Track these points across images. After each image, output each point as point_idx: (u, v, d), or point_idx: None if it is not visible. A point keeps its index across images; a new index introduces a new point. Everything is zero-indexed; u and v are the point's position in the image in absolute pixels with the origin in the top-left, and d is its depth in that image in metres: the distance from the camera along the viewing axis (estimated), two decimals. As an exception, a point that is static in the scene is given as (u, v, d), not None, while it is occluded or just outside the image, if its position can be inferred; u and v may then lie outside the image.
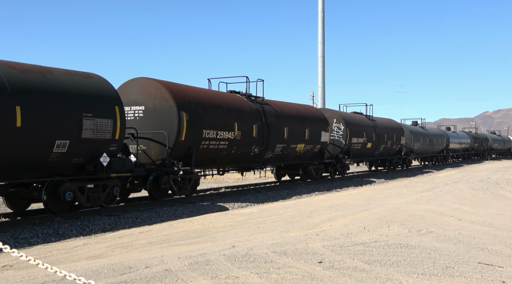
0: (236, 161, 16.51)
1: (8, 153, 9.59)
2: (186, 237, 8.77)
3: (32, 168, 10.28)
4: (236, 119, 15.85)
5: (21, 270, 6.48)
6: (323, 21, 38.80)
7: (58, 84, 10.58)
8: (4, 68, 9.80)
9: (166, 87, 13.88)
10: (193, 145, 14.20)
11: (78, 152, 10.88)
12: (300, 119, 19.84)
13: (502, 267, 6.32)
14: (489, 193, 16.24)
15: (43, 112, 10.07)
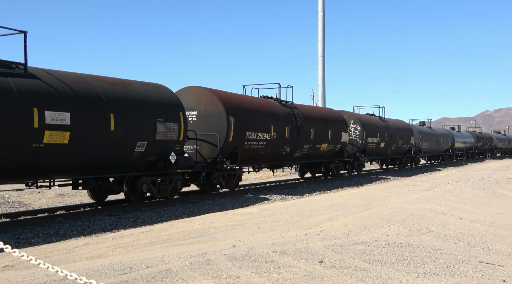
0: (271, 159, 18.66)
1: (103, 152, 11.53)
2: (187, 237, 8.78)
3: (118, 164, 12.26)
4: (272, 122, 17.95)
5: (22, 270, 6.49)
6: (323, 20, 38.79)
7: (137, 94, 12.63)
8: (99, 82, 11.74)
9: (216, 94, 15.95)
10: (238, 145, 16.26)
11: (152, 151, 12.83)
12: (324, 121, 21.84)
13: (503, 266, 6.33)
14: (489, 192, 16.24)
15: (129, 118, 12.04)
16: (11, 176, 10.17)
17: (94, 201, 13.57)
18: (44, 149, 10.14)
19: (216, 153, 15.42)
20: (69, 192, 18.21)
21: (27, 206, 14.58)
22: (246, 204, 14.60)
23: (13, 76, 9.90)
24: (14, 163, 9.85)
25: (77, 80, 11.28)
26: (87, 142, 11.03)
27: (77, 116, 10.71)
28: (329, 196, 16.42)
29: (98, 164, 11.67)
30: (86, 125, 10.95)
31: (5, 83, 9.60)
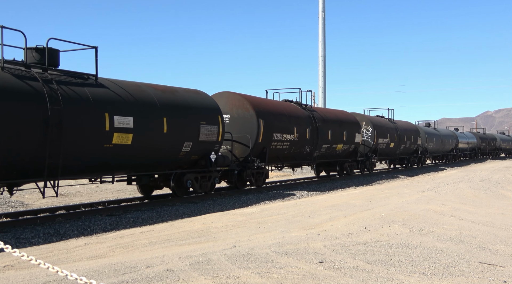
0: (294, 158, 20.27)
1: (157, 152, 13.03)
2: (187, 237, 8.77)
3: (167, 162, 13.80)
4: (295, 124, 19.48)
5: (22, 270, 6.49)
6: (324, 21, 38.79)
7: (183, 100, 14.20)
8: (152, 90, 13.35)
9: (247, 99, 17.60)
10: (266, 145, 17.84)
11: (196, 150, 14.37)
12: (339, 123, 23.42)
13: (504, 267, 6.32)
14: (490, 192, 16.23)
15: (178, 121, 13.55)
16: (85, 172, 11.72)
17: (142, 195, 15.22)
18: (112, 148, 11.65)
19: (247, 152, 17.06)
20: (70, 191, 18.22)
21: (28, 205, 14.59)
22: (246, 204, 14.60)
23: (87, 86, 11.40)
24: (91, 160, 11.36)
25: (136, 88, 12.86)
26: (145, 142, 12.51)
27: (138, 120, 12.24)
28: (329, 196, 16.41)
29: (153, 162, 13.24)
30: (145, 128, 12.45)
31: (83, 92, 11.09)
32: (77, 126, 10.74)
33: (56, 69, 11.28)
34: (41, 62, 10.97)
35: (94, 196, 17.01)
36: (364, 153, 26.66)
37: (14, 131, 9.62)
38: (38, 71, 10.66)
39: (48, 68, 10.92)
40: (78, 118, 10.76)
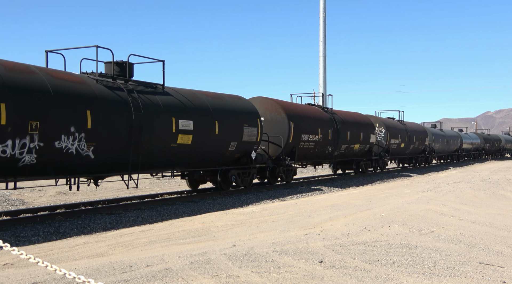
0: (318, 157, 22.34)
1: (210, 151, 14.92)
2: (187, 236, 8.77)
3: (216, 160, 15.63)
4: (319, 126, 21.38)
5: (21, 268, 6.49)
6: (325, 20, 38.77)
7: (229, 105, 16.17)
8: (204, 96, 15.25)
9: (279, 103, 19.68)
10: (295, 145, 19.64)
11: (239, 149, 16.23)
12: (357, 125, 25.35)
13: (503, 267, 6.32)
14: (490, 193, 16.23)
15: (226, 124, 15.39)
16: (155, 167, 13.64)
17: (190, 188, 17.13)
18: (177, 148, 13.52)
19: (279, 151, 18.93)
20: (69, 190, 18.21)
21: (28, 204, 14.59)
22: (246, 203, 14.60)
23: (157, 94, 13.30)
24: (160, 158, 13.26)
25: (192, 95, 14.75)
26: (201, 142, 14.30)
27: (197, 123, 14.11)
28: (329, 196, 16.41)
29: (205, 159, 15.08)
30: (201, 130, 14.26)
31: (155, 100, 13.02)
32: (152, 129, 12.62)
33: (132, 80, 13.10)
34: (121, 74, 12.85)
35: (94, 194, 17.02)
36: (378, 153, 28.60)
37: (110, 134, 11.58)
38: (122, 82, 12.62)
39: (128, 80, 12.89)
40: (153, 122, 12.65)
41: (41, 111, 10.04)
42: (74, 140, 10.71)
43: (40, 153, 10.04)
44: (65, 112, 10.52)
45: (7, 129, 9.35)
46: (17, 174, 10.18)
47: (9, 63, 10.18)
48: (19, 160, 9.75)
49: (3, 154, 9.41)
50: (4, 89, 9.39)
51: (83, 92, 11.09)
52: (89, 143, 11.05)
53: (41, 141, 10.01)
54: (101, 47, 12.06)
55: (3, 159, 9.45)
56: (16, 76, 9.85)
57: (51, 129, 10.21)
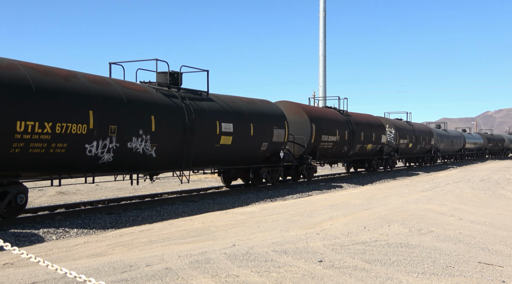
0: (335, 156, 24.18)
1: (246, 150, 16.67)
2: (187, 236, 8.78)
3: (250, 159, 17.35)
4: (337, 127, 23.00)
5: (22, 268, 6.49)
6: (325, 20, 38.78)
7: (261, 109, 17.90)
8: (239, 101, 17.02)
9: (301, 107, 21.39)
10: (316, 145, 21.28)
11: (269, 149, 17.90)
12: (369, 126, 27.05)
13: (502, 267, 6.33)
14: (489, 192, 16.23)
15: (259, 126, 17.08)
16: (201, 165, 15.45)
17: (224, 184, 18.87)
18: (219, 148, 15.24)
19: (302, 151, 20.51)
20: (70, 190, 18.23)
21: (28, 203, 14.58)
22: (246, 203, 14.61)
23: (203, 100, 14.98)
24: (206, 156, 14.98)
25: (231, 100, 16.48)
26: (239, 143, 16.00)
27: (236, 126, 15.79)
28: (329, 195, 16.42)
29: (241, 158, 16.80)
30: (239, 131, 15.95)
31: (202, 105, 14.68)
32: (201, 131, 14.30)
33: (182, 87, 14.79)
34: (173, 82, 14.48)
35: (94, 194, 17.02)
36: (388, 152, 30.38)
37: (168, 135, 13.29)
38: (175, 90, 14.33)
39: (180, 88, 14.61)
40: (201, 125, 14.33)
41: (118, 116, 11.74)
42: (142, 141, 12.50)
43: (116, 152, 11.76)
44: (135, 118, 12.31)
45: (93, 132, 11.05)
46: (96, 170, 11.83)
47: (91, 75, 11.90)
48: (100, 158, 11.46)
49: (89, 153, 11.10)
50: (91, 99, 11.12)
51: (148, 100, 12.87)
52: (153, 144, 12.82)
53: (117, 142, 11.74)
54: (159, 60, 13.88)
55: (89, 157, 11.13)
56: (98, 87, 11.51)
57: (125, 132, 11.96)
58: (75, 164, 11.12)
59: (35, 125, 9.87)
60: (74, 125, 10.64)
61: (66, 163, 10.89)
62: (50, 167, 10.73)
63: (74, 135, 10.65)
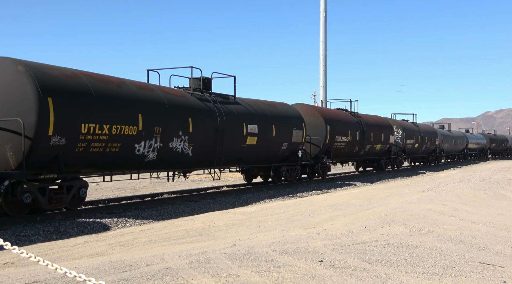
0: (347, 156, 25.50)
1: (268, 150, 17.96)
2: (187, 235, 8.77)
3: (271, 158, 18.59)
4: (349, 129, 24.36)
5: (22, 267, 6.49)
6: (325, 20, 38.77)
7: (281, 111, 19.17)
8: (262, 104, 18.35)
9: (317, 109, 23.30)
10: (331, 145, 22.64)
11: (289, 149, 19.14)
12: (378, 127, 28.48)
13: (503, 267, 6.32)
14: (490, 193, 16.22)
15: (280, 128, 18.28)
16: (229, 163, 16.73)
17: (246, 182, 20.25)
18: (246, 147, 16.57)
19: (318, 150, 21.85)
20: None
21: (28, 203, 14.57)
22: (246, 203, 14.60)
23: (231, 103, 16.33)
24: (234, 155, 16.27)
25: (255, 103, 17.91)
26: (263, 143, 17.32)
27: (260, 127, 17.11)
28: (329, 195, 16.41)
29: (263, 157, 18.06)
30: (263, 132, 17.26)
31: (231, 108, 16.01)
32: (230, 132, 15.55)
33: (213, 92, 16.05)
34: (204, 87, 15.73)
35: (94, 194, 17.01)
36: (395, 152, 31.66)
37: (203, 136, 14.52)
38: (207, 94, 15.64)
39: (211, 93, 15.90)
40: (231, 126, 15.60)
41: (161, 119, 12.97)
42: (181, 142, 13.74)
43: (159, 151, 13.00)
44: (176, 120, 13.54)
45: (142, 133, 12.31)
46: (142, 167, 13.05)
47: (137, 82, 13.30)
48: (146, 156, 12.72)
49: (137, 152, 12.38)
50: (140, 103, 12.41)
51: (185, 104, 14.15)
52: (190, 144, 14.07)
53: (161, 142, 12.99)
54: (194, 67, 15.35)
55: (137, 156, 12.42)
56: (144, 93, 12.85)
57: (167, 133, 13.18)
58: (126, 161, 12.39)
59: (96, 127, 11.18)
60: (126, 127, 11.94)
61: (119, 160, 12.16)
62: (105, 164, 11.99)
63: (126, 136, 11.94)
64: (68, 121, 10.59)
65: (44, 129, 10.18)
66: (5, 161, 10.32)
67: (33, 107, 10.10)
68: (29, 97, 10.13)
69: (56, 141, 10.44)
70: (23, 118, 9.98)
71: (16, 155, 10.21)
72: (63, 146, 10.60)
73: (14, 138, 10.15)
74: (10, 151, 10.28)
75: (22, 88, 10.22)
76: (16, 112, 10.15)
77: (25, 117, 10.04)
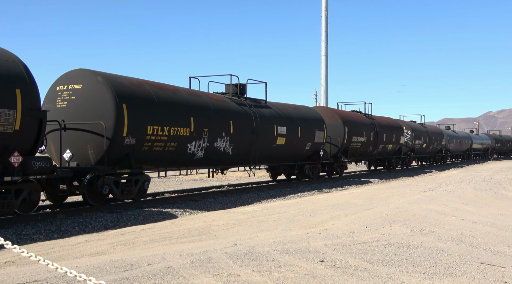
0: (362, 155, 27.11)
1: (293, 149, 19.59)
2: (188, 235, 8.77)
3: (295, 157, 20.19)
4: (364, 130, 26.14)
5: (23, 266, 6.49)
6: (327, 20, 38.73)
7: (305, 114, 20.86)
8: (287, 107, 20.05)
9: (336, 112, 24.70)
10: (348, 145, 24.35)
11: (311, 149, 20.87)
12: (390, 128, 30.20)
13: (505, 268, 6.30)
14: (491, 193, 16.20)
15: (304, 129, 20.01)
16: (261, 161, 18.36)
17: (271, 179, 21.87)
18: (275, 147, 18.34)
19: (336, 150, 23.57)
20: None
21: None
22: (247, 202, 14.60)
23: (262, 107, 18.17)
24: (265, 154, 17.95)
25: (282, 107, 19.67)
26: (290, 143, 19.07)
27: (288, 129, 18.85)
28: (330, 195, 16.40)
29: (290, 156, 19.77)
30: (290, 133, 18.97)
31: (263, 111, 17.81)
32: (263, 133, 17.37)
33: (247, 97, 17.97)
34: (240, 93, 17.66)
35: (95, 193, 17.00)
36: (405, 152, 33.31)
37: (241, 137, 16.26)
38: (243, 99, 17.52)
39: (247, 98, 17.85)
40: (263, 128, 17.44)
41: (208, 122, 14.71)
42: (223, 142, 15.46)
43: (206, 150, 14.75)
44: (220, 122, 15.25)
45: (193, 134, 14.07)
46: (191, 164, 14.83)
47: (186, 89, 15.29)
48: (195, 154, 14.45)
49: (189, 151, 14.13)
50: (191, 108, 14.21)
51: (227, 108, 15.93)
52: (231, 143, 15.81)
53: (207, 142, 14.74)
54: (233, 75, 17.32)
55: (189, 154, 14.19)
56: (194, 98, 14.67)
57: (213, 134, 14.93)
58: (180, 159, 14.14)
59: (158, 129, 12.94)
60: (181, 129, 13.67)
61: (174, 158, 13.91)
62: (163, 161, 13.78)
63: (181, 137, 13.68)
64: (138, 124, 12.37)
65: (120, 131, 11.95)
66: (86, 158, 12.12)
67: (112, 112, 11.84)
68: (108, 104, 11.87)
69: (128, 141, 12.25)
70: (104, 122, 11.69)
71: (96, 153, 11.98)
72: (133, 145, 12.38)
73: (94, 138, 11.89)
74: (91, 149, 12.03)
75: (102, 96, 11.93)
76: (97, 116, 11.84)
77: (105, 121, 11.74)
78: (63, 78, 12.54)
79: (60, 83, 12.51)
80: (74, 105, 12.14)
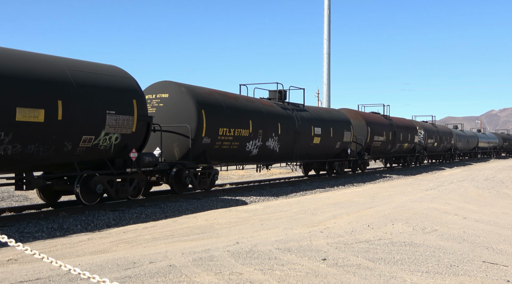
0: (381, 153, 29.90)
1: (326, 148, 22.07)
2: (190, 233, 8.78)
3: (326, 154, 22.66)
4: (383, 130, 28.73)
5: (26, 264, 6.51)
6: (329, 18, 38.68)
7: (335, 116, 23.41)
8: (320, 110, 22.88)
9: (359, 113, 27.23)
10: (370, 144, 26.96)
11: (340, 147, 23.47)
12: (406, 128, 32.75)
13: (507, 266, 6.30)
14: (494, 191, 16.18)
15: (335, 129, 22.59)
16: (300, 158, 20.64)
17: (303, 174, 24.37)
18: (312, 146, 20.88)
19: (360, 148, 26.10)
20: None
21: (32, 200, 14.63)
22: (249, 200, 14.59)
23: (301, 110, 20.66)
24: (304, 152, 20.53)
25: (317, 110, 22.48)
26: (323, 142, 21.55)
27: (322, 129, 21.34)
28: (332, 193, 16.40)
29: (323, 154, 22.31)
30: (324, 134, 21.48)
31: (302, 115, 20.26)
32: (303, 134, 19.87)
33: (288, 102, 20.52)
34: (283, 98, 20.20)
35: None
36: (419, 150, 35.61)
37: (286, 137, 18.79)
38: (286, 104, 20.08)
39: (289, 103, 20.48)
40: (303, 129, 19.91)
41: (262, 124, 17.27)
42: (273, 141, 17.99)
43: (259, 148, 17.29)
44: (270, 124, 17.79)
45: (251, 135, 16.56)
46: (247, 161, 17.59)
47: (244, 96, 17.88)
48: (251, 152, 16.97)
49: (247, 149, 16.66)
50: (250, 112, 16.79)
51: (275, 112, 18.49)
52: (278, 142, 18.35)
53: (261, 142, 17.29)
54: (278, 83, 20.03)
55: (247, 151, 16.69)
56: (251, 104, 17.28)
57: (266, 135, 17.49)
58: (240, 156, 16.63)
59: (226, 130, 15.45)
60: (243, 130, 16.18)
61: (236, 155, 16.37)
62: (228, 158, 16.32)
63: (242, 137, 16.17)
64: (212, 126, 14.83)
65: (200, 132, 14.44)
66: (171, 154, 14.63)
67: (194, 117, 14.39)
68: (191, 110, 14.44)
69: (205, 140, 14.72)
70: (188, 124, 14.23)
71: (180, 150, 14.52)
72: (208, 144, 14.85)
73: (179, 138, 14.42)
74: (176, 147, 14.50)
75: (186, 104, 14.51)
76: (182, 120, 14.38)
77: (189, 124, 14.30)
78: (151, 88, 15.12)
79: (149, 92, 14.99)
80: (162, 111, 14.68)
